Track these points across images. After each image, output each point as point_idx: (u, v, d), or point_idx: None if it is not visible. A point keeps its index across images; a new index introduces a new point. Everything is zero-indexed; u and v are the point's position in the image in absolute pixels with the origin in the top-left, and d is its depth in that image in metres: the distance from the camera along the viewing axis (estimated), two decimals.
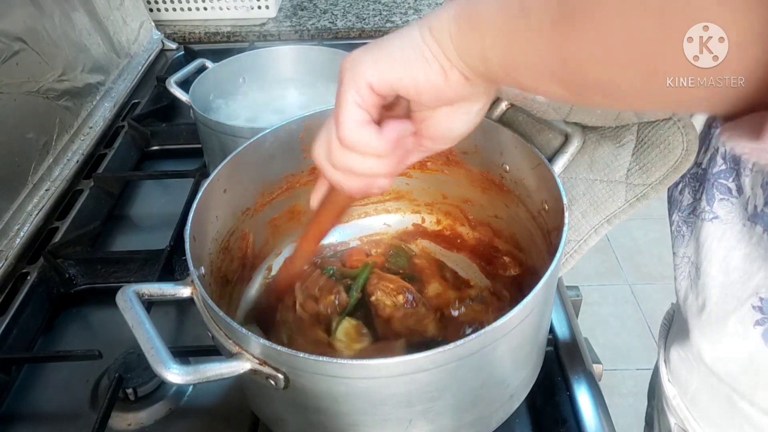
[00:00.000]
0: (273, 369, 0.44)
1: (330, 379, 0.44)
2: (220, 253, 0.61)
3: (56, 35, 0.96)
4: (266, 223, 0.68)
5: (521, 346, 0.50)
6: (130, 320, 0.46)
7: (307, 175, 0.68)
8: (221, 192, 0.59)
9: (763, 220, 0.50)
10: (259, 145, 0.62)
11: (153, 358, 0.44)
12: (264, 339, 0.43)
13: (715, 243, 0.54)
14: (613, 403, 0.63)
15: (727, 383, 0.56)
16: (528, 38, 0.33)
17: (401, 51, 0.38)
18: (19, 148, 0.84)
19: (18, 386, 0.67)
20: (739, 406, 0.56)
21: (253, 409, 0.58)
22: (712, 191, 0.55)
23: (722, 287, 0.54)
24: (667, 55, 0.26)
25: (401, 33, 0.39)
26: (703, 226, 0.56)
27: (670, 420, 0.67)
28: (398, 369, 0.42)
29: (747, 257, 0.51)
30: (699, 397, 0.61)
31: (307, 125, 0.64)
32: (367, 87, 0.38)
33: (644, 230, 2.30)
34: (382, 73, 0.38)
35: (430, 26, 0.37)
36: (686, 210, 0.59)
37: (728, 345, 0.54)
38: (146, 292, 0.49)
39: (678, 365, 0.63)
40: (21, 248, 0.79)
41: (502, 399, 0.53)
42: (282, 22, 1.39)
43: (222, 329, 0.46)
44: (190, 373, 0.44)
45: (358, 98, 0.39)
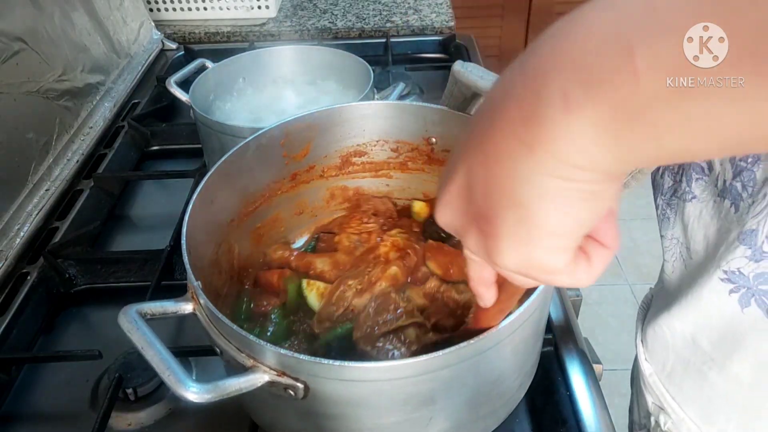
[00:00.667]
0: (292, 379, 0.43)
1: (353, 384, 0.43)
2: (211, 267, 0.59)
3: (56, 35, 0.96)
4: (249, 233, 0.67)
5: (531, 335, 0.50)
6: (138, 342, 0.45)
7: (288, 182, 0.68)
8: (210, 203, 0.58)
9: (731, 194, 0.52)
10: (243, 152, 0.61)
11: (170, 380, 0.43)
12: (283, 349, 0.42)
13: (695, 222, 0.57)
14: (613, 403, 0.63)
15: (706, 353, 0.58)
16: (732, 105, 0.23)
17: (553, 217, 0.28)
18: (19, 148, 0.84)
19: (18, 386, 0.67)
20: (709, 377, 0.59)
21: (261, 425, 0.57)
22: (690, 172, 0.58)
23: (707, 262, 0.56)
24: None
25: (522, 180, 0.27)
26: (685, 206, 0.59)
27: (647, 399, 0.69)
28: (422, 367, 0.42)
29: (719, 231, 0.54)
30: (674, 373, 0.64)
31: (287, 131, 0.64)
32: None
33: (644, 230, 2.30)
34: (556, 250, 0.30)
35: (565, 156, 0.26)
36: (668, 193, 0.62)
37: (708, 314, 0.56)
38: (148, 312, 0.48)
39: (654, 343, 0.66)
40: (21, 248, 0.79)
41: (512, 389, 0.53)
42: (282, 22, 1.39)
43: (233, 342, 0.45)
44: (210, 391, 0.43)
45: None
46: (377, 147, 0.70)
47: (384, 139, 0.69)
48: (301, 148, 0.66)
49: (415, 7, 1.43)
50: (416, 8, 1.42)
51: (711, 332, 0.57)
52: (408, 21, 1.36)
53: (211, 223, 0.59)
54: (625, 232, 2.31)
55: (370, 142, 0.69)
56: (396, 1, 1.46)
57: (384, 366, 0.43)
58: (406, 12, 1.41)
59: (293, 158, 0.66)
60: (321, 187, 0.71)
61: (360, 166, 0.71)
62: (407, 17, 1.38)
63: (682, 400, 0.64)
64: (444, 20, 1.36)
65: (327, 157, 0.69)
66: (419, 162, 0.70)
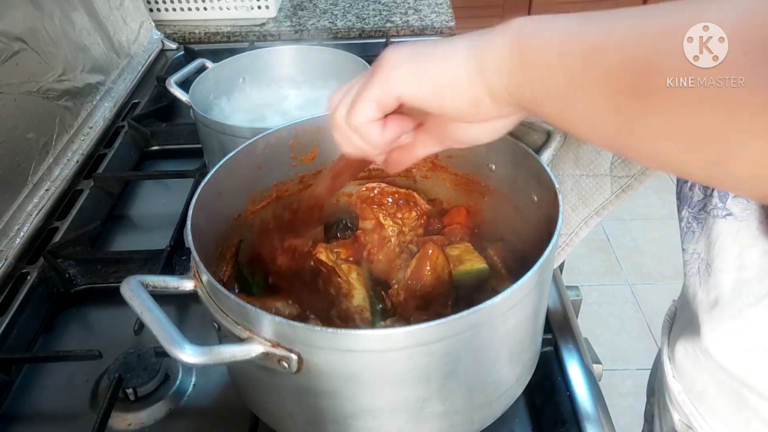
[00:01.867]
0: (286, 350, 0.44)
1: (347, 355, 0.43)
2: (216, 258, 0.60)
3: (56, 35, 0.96)
4: (255, 232, 0.66)
5: (526, 319, 0.50)
6: (138, 307, 0.46)
7: (297, 183, 0.68)
8: (217, 194, 0.58)
9: None
10: (251, 150, 0.61)
11: (166, 341, 0.43)
12: (278, 317, 0.43)
13: (729, 240, 0.54)
14: (613, 403, 0.63)
15: (738, 378, 0.56)
16: (592, 98, 0.32)
17: (437, 73, 0.38)
18: (19, 148, 0.84)
19: (18, 386, 0.67)
20: (749, 400, 0.57)
21: (255, 410, 0.57)
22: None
23: (736, 284, 0.54)
24: (731, 146, 0.27)
25: (445, 49, 0.39)
26: (715, 222, 0.56)
27: (673, 416, 0.67)
28: (416, 338, 0.43)
29: (765, 254, 0.52)
30: (707, 393, 0.61)
31: (297, 132, 0.64)
32: (394, 97, 0.40)
33: (644, 230, 2.30)
34: (412, 90, 0.39)
35: (480, 54, 0.37)
36: (696, 206, 0.59)
37: (742, 340, 0.54)
38: (150, 283, 0.49)
39: (684, 361, 0.63)
40: (21, 248, 0.79)
41: (509, 380, 0.53)
42: (282, 22, 1.39)
43: (230, 315, 0.46)
44: (205, 353, 0.43)
45: (380, 99, 0.40)
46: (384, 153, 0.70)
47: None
48: (309, 150, 0.67)
49: (415, 7, 1.43)
50: (416, 8, 1.42)
51: (746, 359, 0.55)
52: (408, 21, 1.36)
53: (218, 215, 0.60)
54: (626, 232, 2.31)
55: None
56: (396, 1, 1.46)
57: (377, 334, 0.44)
58: (406, 12, 1.41)
59: (301, 160, 0.67)
60: None
61: (366, 172, 0.71)
62: (407, 17, 1.38)
63: (714, 421, 0.62)
64: (444, 20, 1.36)
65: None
66: (424, 169, 0.70)
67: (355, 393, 0.47)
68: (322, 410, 0.49)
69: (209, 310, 0.48)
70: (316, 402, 0.48)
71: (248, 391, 0.56)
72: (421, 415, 0.49)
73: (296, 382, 0.46)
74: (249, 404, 0.57)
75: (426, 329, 0.42)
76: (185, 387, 0.64)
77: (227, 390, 0.64)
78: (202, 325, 0.70)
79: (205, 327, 0.57)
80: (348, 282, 0.60)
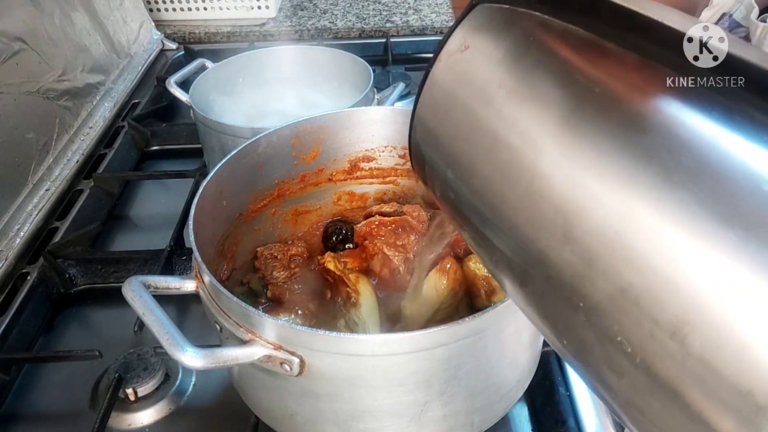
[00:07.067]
0: (288, 353, 0.44)
1: (349, 359, 0.43)
2: (217, 257, 0.60)
3: (56, 35, 0.96)
4: (255, 231, 0.67)
5: (526, 327, 0.50)
6: (139, 308, 0.45)
7: (297, 183, 0.68)
8: (218, 193, 0.58)
9: None
10: (253, 149, 0.62)
11: (168, 343, 0.43)
12: (280, 320, 0.43)
13: None
14: None
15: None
16: None
17: None
18: (19, 148, 0.84)
19: (18, 386, 0.67)
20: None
21: (255, 411, 0.57)
22: None
23: None
24: None
25: None
26: None
27: None
28: (418, 343, 0.42)
29: None
30: None
31: (299, 131, 0.64)
32: None
33: None
34: None
35: None
36: None
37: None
38: (152, 284, 0.49)
39: None
40: (21, 248, 0.79)
41: (509, 383, 0.53)
42: (282, 22, 1.39)
43: (232, 317, 0.46)
44: (207, 356, 0.43)
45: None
46: (385, 153, 0.70)
47: (392, 145, 0.70)
48: (311, 150, 0.67)
49: (415, 7, 1.43)
50: (416, 8, 1.42)
51: None
52: (408, 21, 1.36)
53: (219, 214, 0.60)
54: None
55: (378, 148, 0.70)
56: (396, 1, 1.46)
57: (379, 339, 0.43)
58: (406, 12, 1.41)
59: (303, 159, 0.67)
60: (329, 191, 0.72)
61: (368, 171, 0.71)
62: (407, 17, 1.38)
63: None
64: (444, 20, 1.36)
65: (336, 161, 0.70)
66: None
67: (357, 396, 0.47)
68: (323, 412, 0.49)
69: (211, 311, 0.48)
70: (317, 404, 0.48)
71: (249, 392, 0.56)
72: (421, 418, 0.49)
73: (298, 384, 0.46)
74: (250, 404, 0.57)
75: (428, 335, 0.42)
76: (185, 387, 0.64)
77: (228, 390, 0.64)
78: (202, 325, 0.70)
79: (206, 327, 0.57)
80: (356, 291, 0.60)
